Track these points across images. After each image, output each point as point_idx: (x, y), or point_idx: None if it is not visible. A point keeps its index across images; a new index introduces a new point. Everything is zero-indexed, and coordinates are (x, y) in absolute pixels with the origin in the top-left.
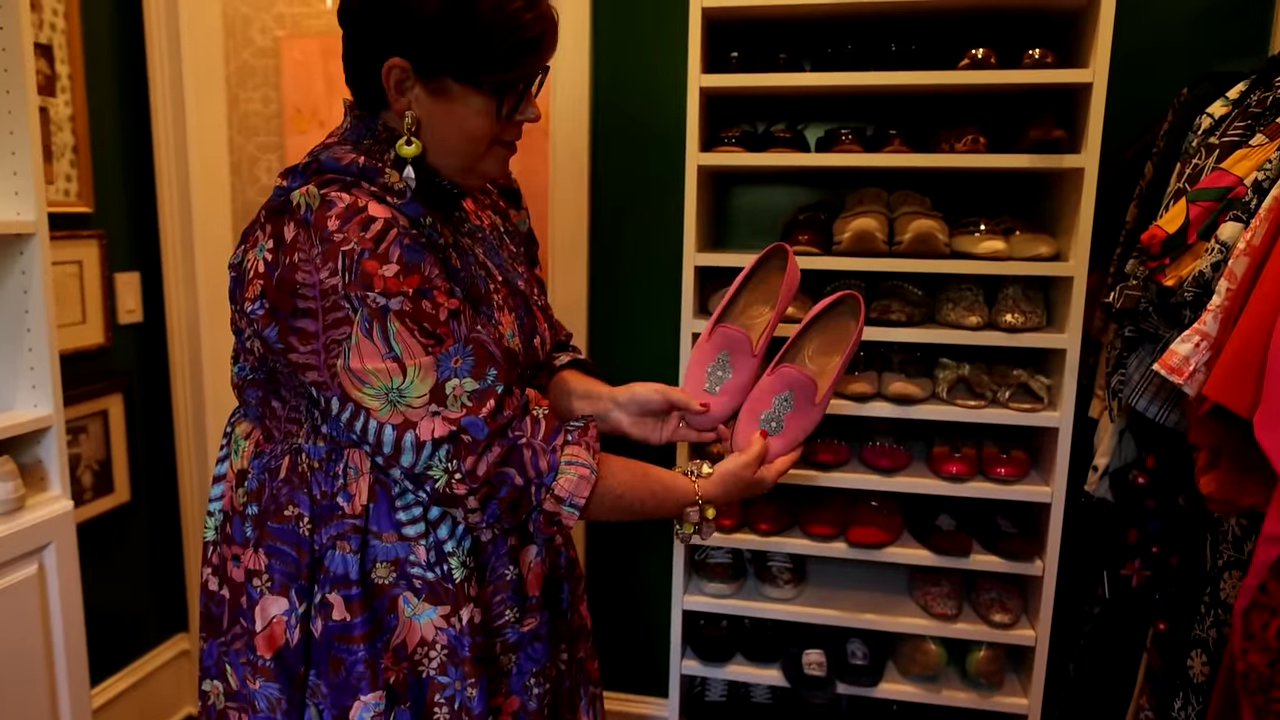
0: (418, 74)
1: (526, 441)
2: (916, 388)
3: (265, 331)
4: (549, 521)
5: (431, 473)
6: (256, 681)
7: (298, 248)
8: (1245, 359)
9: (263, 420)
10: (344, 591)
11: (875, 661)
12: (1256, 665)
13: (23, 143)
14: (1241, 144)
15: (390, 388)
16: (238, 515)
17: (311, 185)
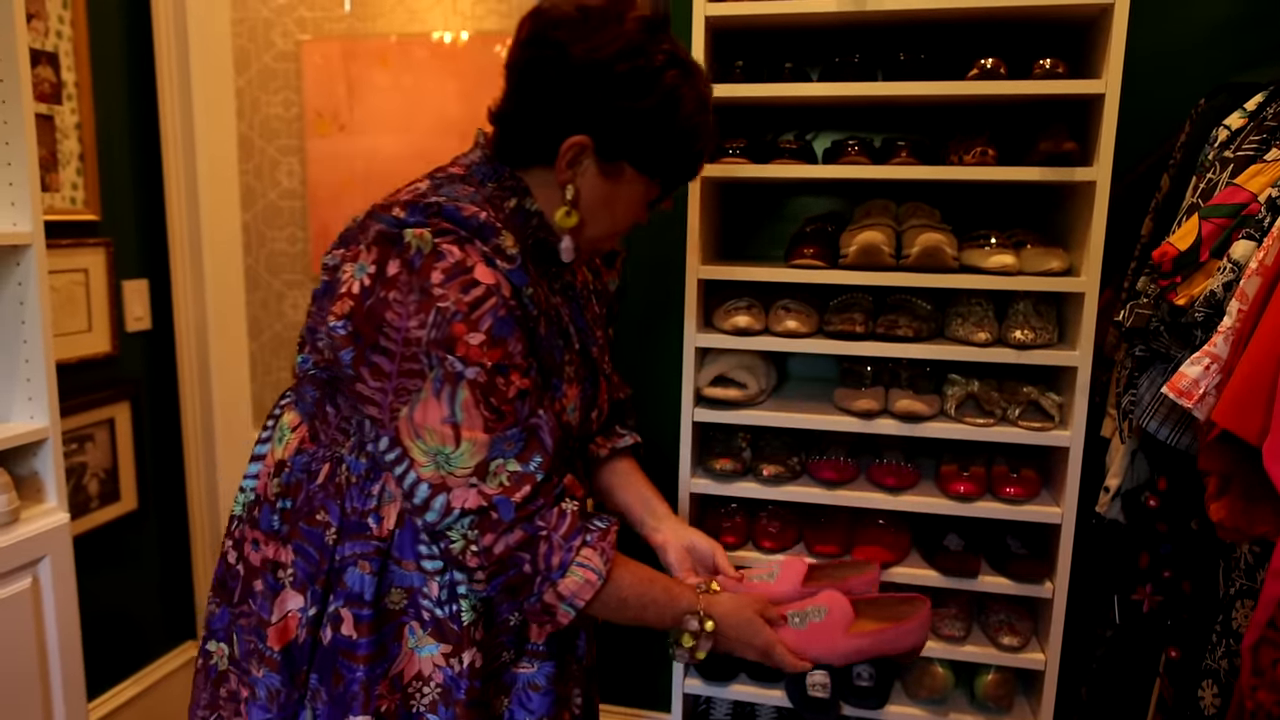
0: (597, 154)
1: (547, 534)
2: (924, 405)
3: (341, 351)
4: (544, 611)
5: (450, 534)
6: (261, 670)
7: (396, 286)
8: (1255, 384)
9: (313, 419)
10: (356, 610)
11: (881, 683)
12: (1265, 703)
13: (19, 153)
14: (1256, 158)
15: (440, 451)
16: (267, 503)
17: (428, 230)
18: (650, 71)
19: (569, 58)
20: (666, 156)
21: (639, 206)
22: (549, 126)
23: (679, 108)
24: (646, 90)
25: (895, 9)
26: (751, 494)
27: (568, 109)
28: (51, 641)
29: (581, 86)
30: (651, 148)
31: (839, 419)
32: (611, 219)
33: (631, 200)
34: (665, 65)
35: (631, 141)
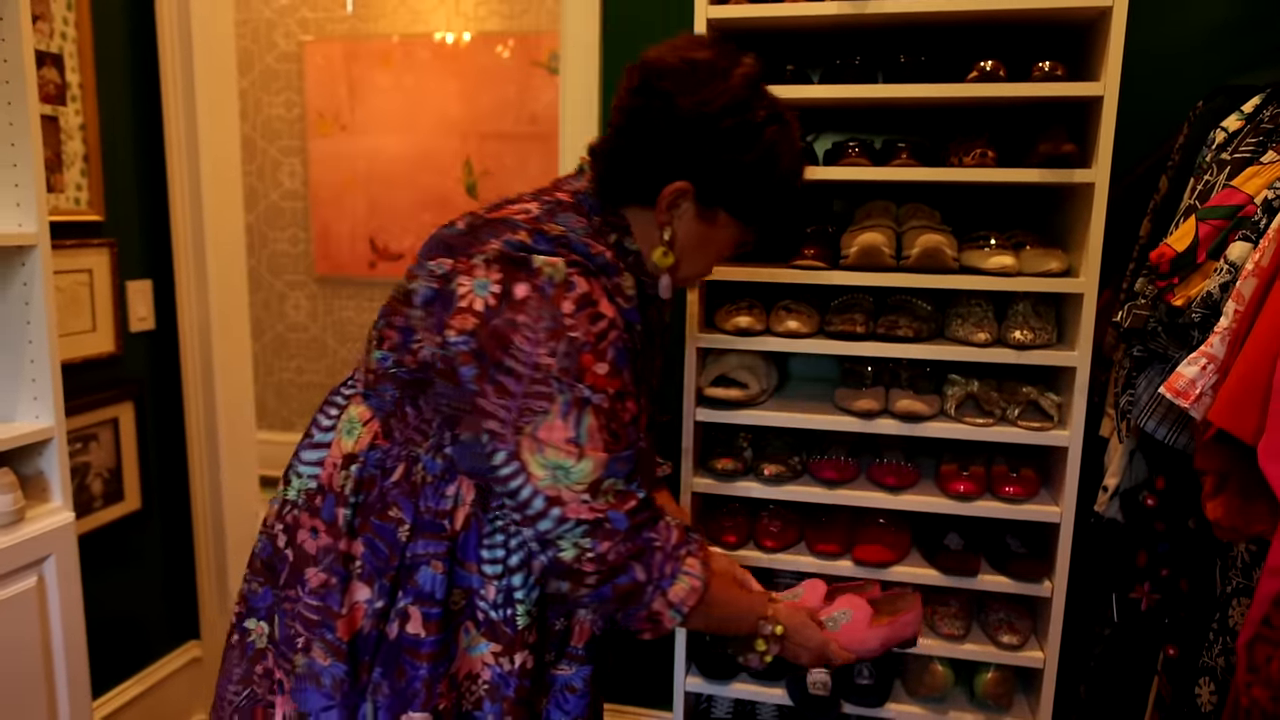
0: (697, 199)
1: (660, 544)
2: (924, 405)
3: (462, 367)
4: (649, 618)
5: (561, 543)
6: (327, 659)
7: (525, 311)
8: (1250, 384)
9: (388, 417)
10: (425, 608)
11: (881, 681)
12: (1260, 700)
13: (25, 154)
14: (1253, 161)
15: (560, 465)
16: (333, 494)
17: (560, 259)
18: (753, 127)
19: (676, 109)
20: (763, 205)
21: (728, 248)
22: (652, 171)
23: (778, 161)
24: (749, 145)
25: (895, 12)
26: (753, 493)
27: (672, 157)
28: (56, 640)
29: (687, 137)
30: (749, 197)
31: (840, 419)
32: (704, 260)
33: (724, 243)
34: (766, 121)
35: (731, 191)
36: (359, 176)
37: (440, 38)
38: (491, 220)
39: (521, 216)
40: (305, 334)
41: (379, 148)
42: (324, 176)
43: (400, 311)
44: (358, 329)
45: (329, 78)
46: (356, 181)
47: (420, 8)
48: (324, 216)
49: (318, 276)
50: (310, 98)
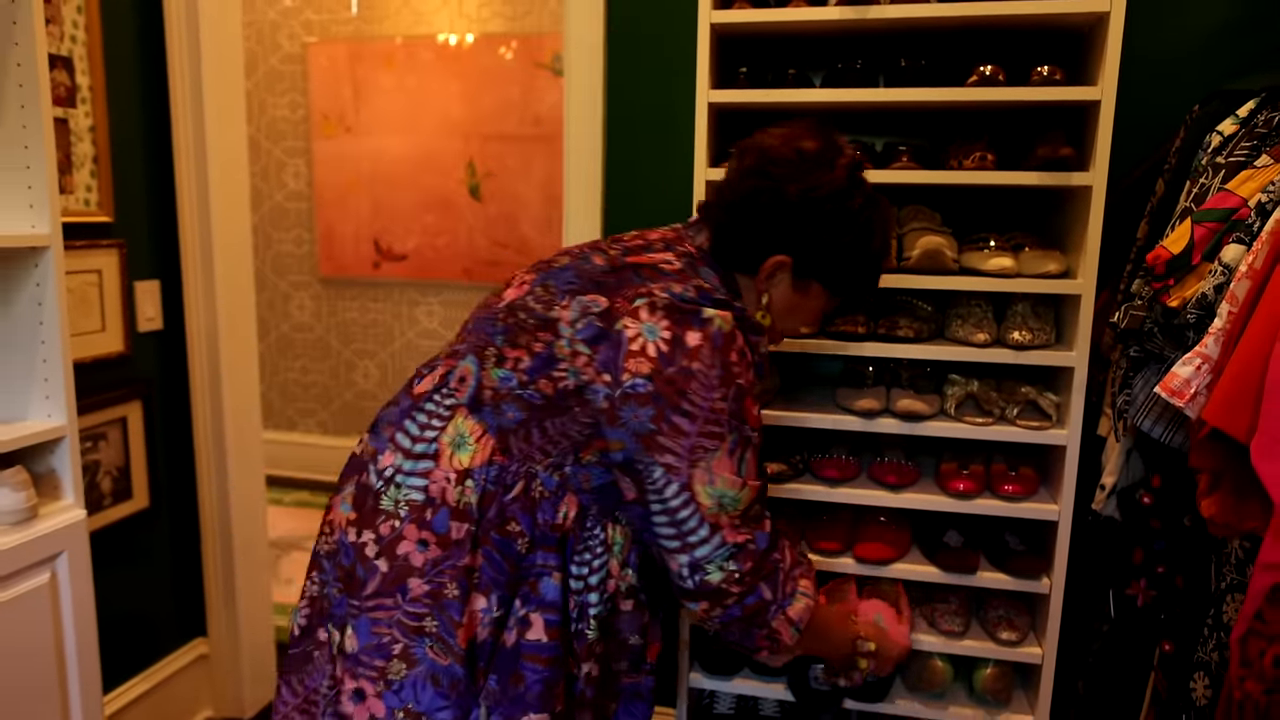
0: (793, 271)
1: (783, 566)
2: (924, 404)
3: (640, 408)
4: (768, 637)
5: (709, 567)
6: (447, 659)
7: (699, 359)
8: (1244, 384)
9: (507, 434)
10: (548, 616)
11: (882, 678)
12: (1252, 693)
13: (38, 156)
14: (1247, 164)
15: (725, 494)
16: (447, 508)
17: (729, 314)
18: (852, 212)
19: (785, 193)
20: (853, 280)
21: (819, 313)
22: (759, 245)
23: (870, 242)
24: (847, 227)
25: (897, 17)
26: None
27: (778, 234)
28: (69, 636)
29: (793, 219)
30: (842, 273)
31: (841, 418)
32: (793, 322)
33: (814, 309)
34: (863, 207)
35: (826, 266)
36: (363, 178)
37: (443, 39)
38: (637, 265)
39: (668, 266)
40: (309, 334)
41: (383, 149)
42: (328, 177)
43: (538, 337)
44: (361, 329)
45: (333, 79)
46: (360, 183)
47: (423, 9)
48: (328, 217)
49: (322, 277)
50: (314, 99)
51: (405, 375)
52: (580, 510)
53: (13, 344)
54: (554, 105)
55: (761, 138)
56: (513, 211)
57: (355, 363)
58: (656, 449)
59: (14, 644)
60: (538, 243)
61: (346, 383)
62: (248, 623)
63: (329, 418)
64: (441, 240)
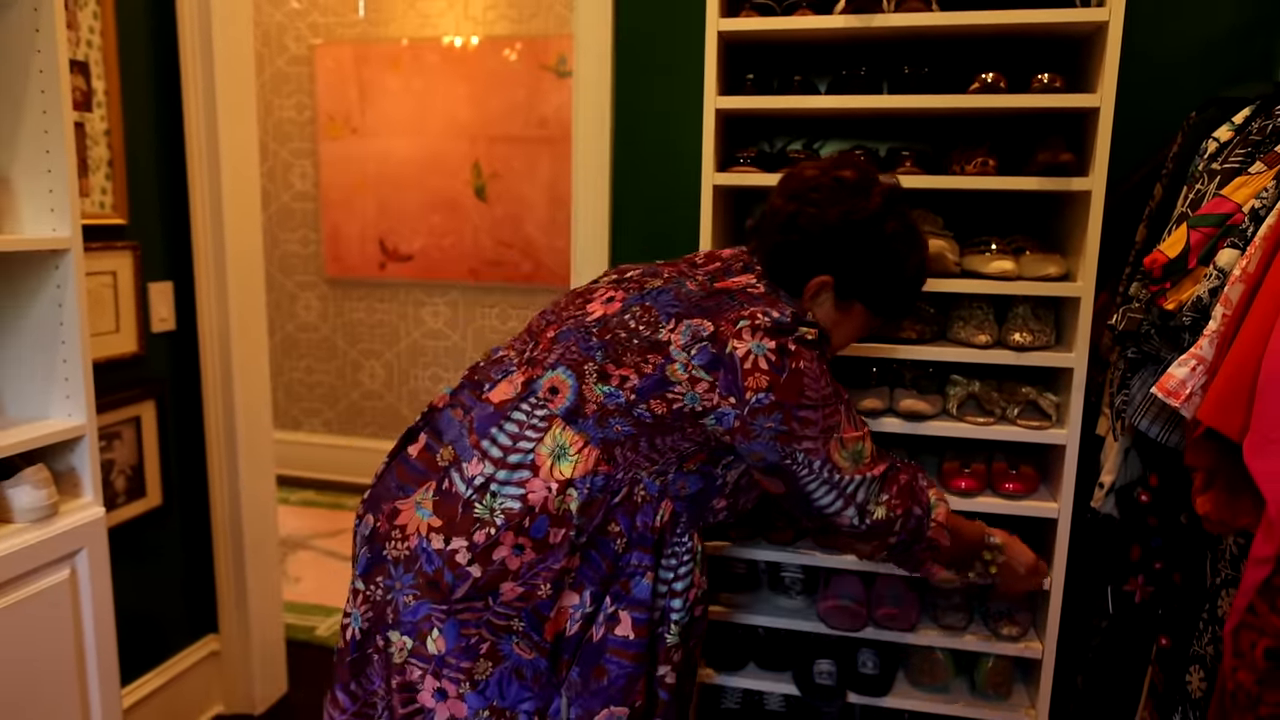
0: (835, 291)
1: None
2: (927, 404)
3: (768, 417)
4: (928, 548)
5: (871, 506)
6: (531, 654)
7: (803, 358)
8: (1237, 384)
9: (611, 446)
10: (636, 614)
11: (886, 672)
12: (1244, 683)
13: (59, 161)
14: (1241, 171)
15: (856, 451)
16: (549, 515)
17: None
18: (886, 236)
19: (825, 217)
20: (891, 300)
21: (861, 331)
22: (804, 266)
23: (905, 264)
24: (883, 249)
25: (900, 25)
26: None
27: (820, 256)
28: (88, 631)
29: (833, 240)
30: (880, 293)
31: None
32: (840, 339)
33: (856, 328)
34: (898, 232)
35: (865, 286)
36: (369, 179)
37: (449, 41)
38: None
39: (754, 290)
40: (315, 334)
41: (389, 150)
42: (334, 178)
43: (645, 357)
44: (367, 329)
45: (339, 81)
46: (367, 184)
47: (429, 11)
48: (334, 218)
49: (328, 277)
50: (321, 101)
51: (410, 375)
52: (673, 516)
53: (34, 344)
54: (559, 107)
55: (803, 168)
56: (518, 213)
57: (361, 363)
58: (795, 440)
59: (35, 638)
60: (543, 244)
61: (352, 383)
62: (258, 620)
63: (334, 417)
64: (447, 241)
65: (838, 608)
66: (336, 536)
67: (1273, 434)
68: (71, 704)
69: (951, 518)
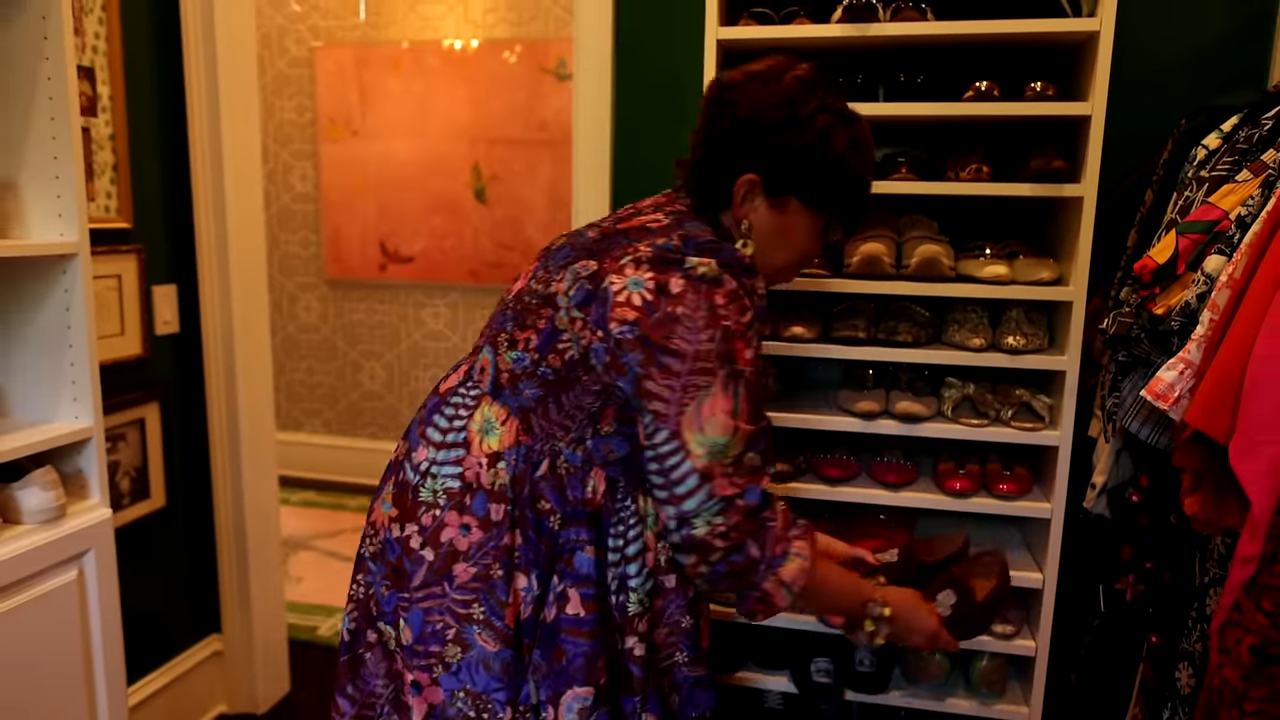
0: (765, 190)
1: (773, 526)
2: (922, 406)
3: (628, 352)
4: (761, 599)
5: (696, 521)
6: (494, 645)
7: (684, 303)
8: (1223, 388)
9: (527, 414)
10: (584, 590)
11: (882, 669)
12: (1230, 680)
13: (66, 166)
14: (1229, 179)
15: (716, 442)
16: (484, 491)
17: (713, 260)
18: (804, 117)
19: (738, 111)
20: (824, 187)
21: (810, 238)
22: (726, 171)
23: (831, 146)
24: (801, 129)
25: (896, 34)
26: None
27: (738, 155)
28: (95, 630)
29: (748, 134)
30: (811, 182)
31: (842, 419)
32: (787, 249)
33: (801, 232)
34: (818, 111)
35: (792, 176)
36: (369, 180)
37: (449, 44)
38: (626, 229)
39: (655, 225)
40: (316, 335)
41: (389, 152)
42: (335, 180)
43: (541, 314)
44: (367, 331)
45: (340, 83)
46: (367, 185)
47: (430, 14)
48: (335, 220)
49: (328, 279)
50: (321, 103)
51: (411, 376)
52: (609, 484)
53: (42, 348)
54: (559, 110)
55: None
56: (518, 215)
57: (361, 364)
58: (646, 395)
59: (43, 638)
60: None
61: (353, 383)
62: (261, 620)
63: (335, 418)
64: (448, 243)
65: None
66: (337, 537)
67: (1257, 436)
68: (78, 704)
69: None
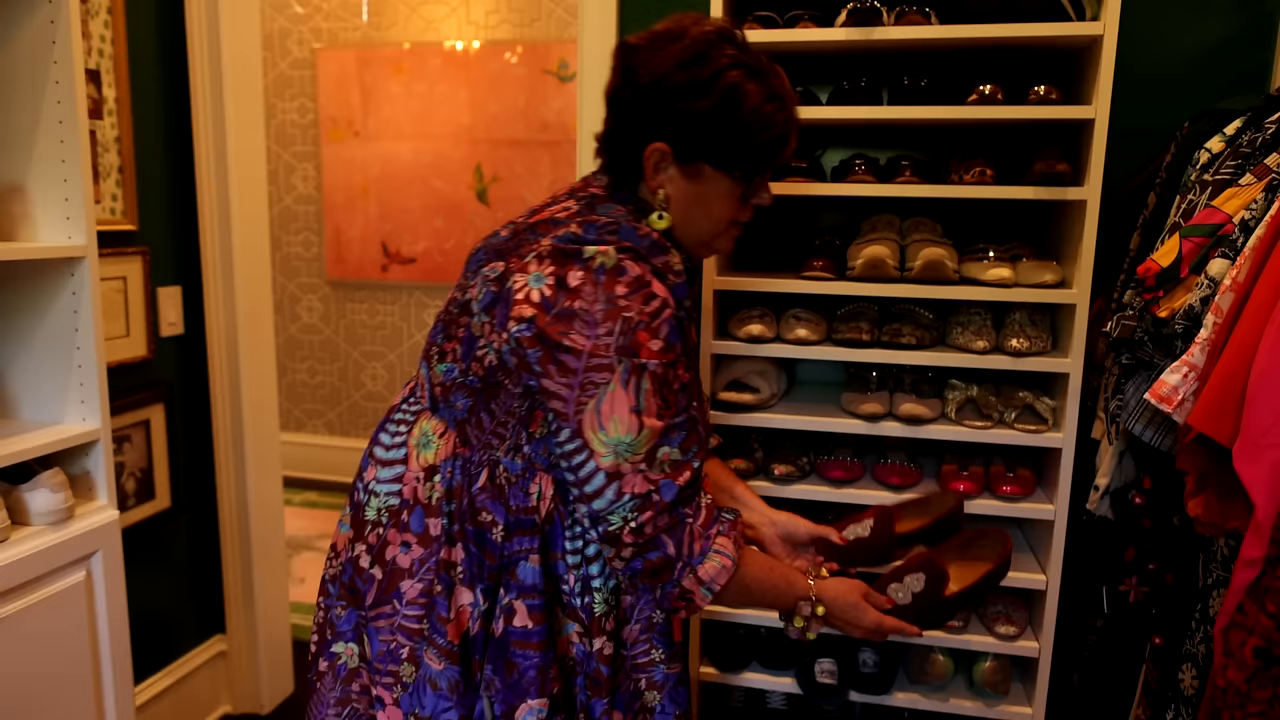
0: (676, 158)
1: (690, 523)
2: (926, 408)
3: (528, 350)
4: (681, 597)
5: (611, 517)
6: (440, 663)
7: (581, 296)
8: (1227, 391)
9: (463, 425)
10: (529, 601)
11: (886, 670)
12: (1234, 681)
13: (74, 170)
14: (1232, 182)
15: (621, 441)
16: (421, 506)
17: (611, 248)
18: (708, 75)
19: (638, 78)
20: (736, 150)
21: (731, 204)
22: (634, 141)
23: (741, 102)
24: (704, 91)
25: (900, 38)
26: (763, 492)
27: (645, 123)
28: (103, 631)
29: (648, 101)
30: (719, 144)
31: (846, 421)
32: (707, 218)
33: (719, 200)
34: (726, 68)
35: (701, 140)
36: (371, 181)
37: (450, 45)
38: (535, 223)
39: (564, 214)
40: (318, 336)
41: (391, 153)
42: (337, 181)
43: (460, 323)
44: (369, 332)
45: (342, 84)
46: (369, 186)
47: (431, 16)
48: (336, 221)
49: (330, 280)
50: (323, 104)
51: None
52: (557, 486)
53: (50, 350)
54: (560, 111)
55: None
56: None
57: (363, 364)
58: (546, 394)
59: (52, 639)
60: None
61: (355, 384)
62: (265, 620)
63: (336, 419)
64: (449, 244)
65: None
66: None
67: (1261, 440)
68: (86, 704)
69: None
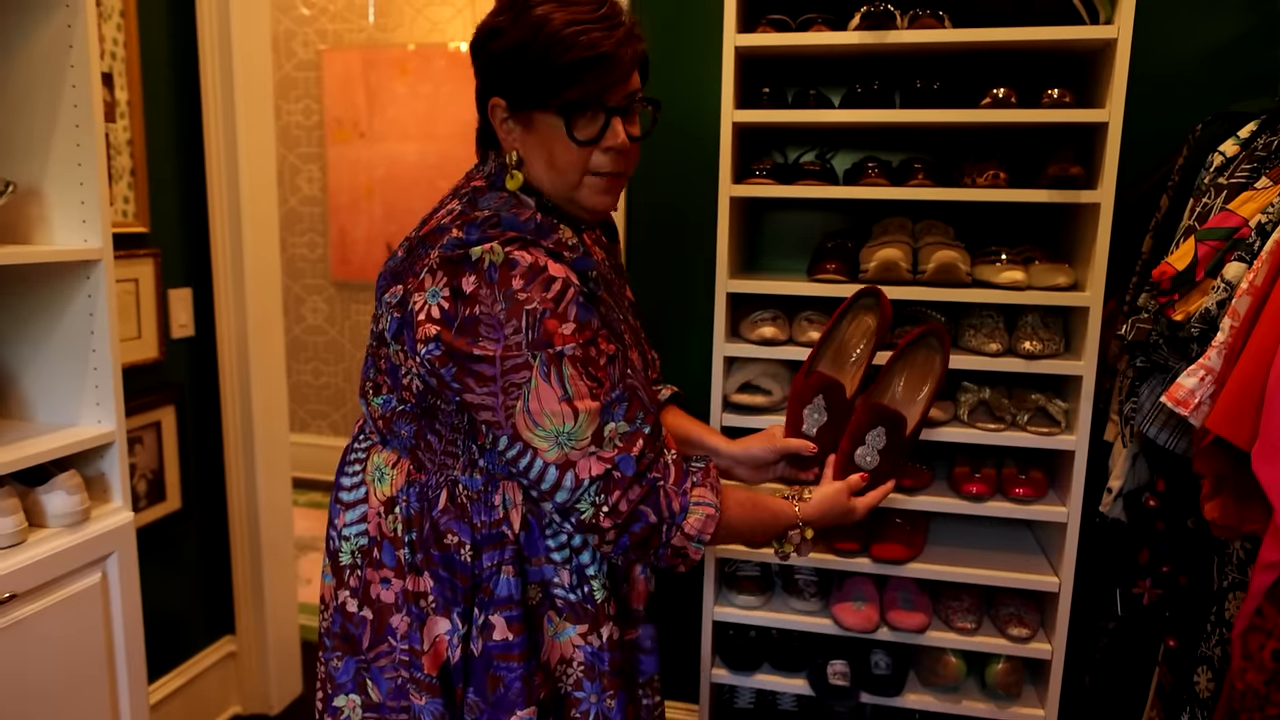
0: (511, 110)
1: (662, 484)
2: (939, 410)
3: (441, 370)
4: (675, 554)
5: (580, 506)
6: (422, 698)
7: (479, 301)
8: (1245, 394)
9: (414, 452)
10: (507, 613)
11: (898, 672)
12: (1253, 684)
13: (90, 173)
14: (1247, 186)
15: (560, 431)
16: (388, 540)
17: (495, 243)
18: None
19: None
20: (541, 80)
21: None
22: (480, 103)
23: (542, 28)
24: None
25: (913, 42)
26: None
27: (480, 82)
28: (118, 632)
29: (476, 55)
30: (525, 76)
31: None
32: (553, 168)
33: (557, 145)
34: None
35: (512, 79)
36: (376, 183)
37: (455, 47)
38: (424, 235)
39: (448, 219)
40: (323, 337)
41: (396, 154)
42: (342, 182)
43: (381, 354)
44: None
45: (347, 86)
46: (374, 188)
47: (437, 18)
48: (341, 222)
49: (335, 281)
50: (328, 105)
51: None
52: (524, 490)
53: (65, 353)
54: None
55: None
56: None
57: None
58: (473, 408)
59: (68, 640)
60: None
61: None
62: (275, 621)
63: (341, 419)
64: None
65: (851, 609)
66: None
67: None
68: (101, 706)
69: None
